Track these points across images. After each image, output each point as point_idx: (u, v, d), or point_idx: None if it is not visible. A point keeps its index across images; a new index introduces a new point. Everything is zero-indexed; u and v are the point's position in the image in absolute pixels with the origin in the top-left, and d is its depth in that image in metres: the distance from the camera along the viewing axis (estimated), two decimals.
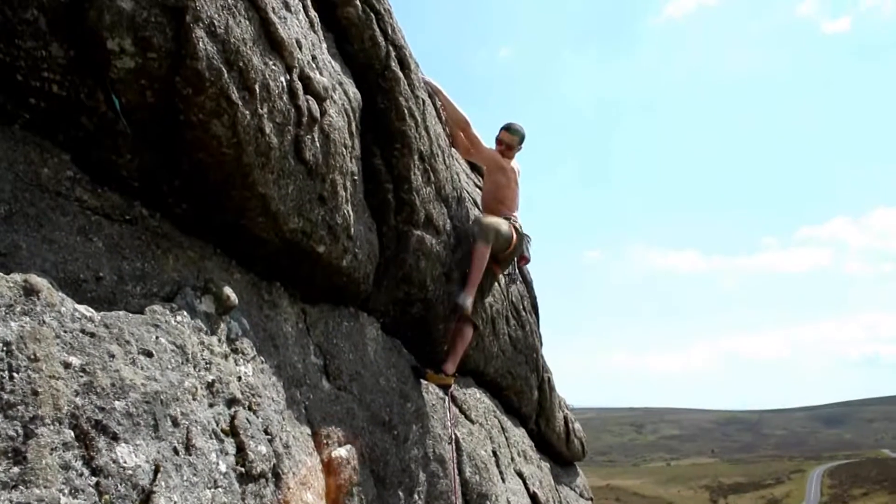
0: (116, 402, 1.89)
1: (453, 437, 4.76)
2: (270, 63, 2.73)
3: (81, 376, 1.83)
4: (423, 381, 4.90)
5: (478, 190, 7.40)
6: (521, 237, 5.62)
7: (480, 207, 6.21)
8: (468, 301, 5.20)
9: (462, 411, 5.37)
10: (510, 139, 5.69)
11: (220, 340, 2.61)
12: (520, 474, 6.44)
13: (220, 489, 2.24)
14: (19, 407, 1.63)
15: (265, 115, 2.70)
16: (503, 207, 5.63)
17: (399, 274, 4.50)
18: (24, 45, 2.03)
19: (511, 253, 5.59)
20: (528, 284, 8.93)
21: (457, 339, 5.32)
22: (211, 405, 2.38)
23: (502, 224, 5.42)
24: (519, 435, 7.35)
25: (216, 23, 2.38)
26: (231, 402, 2.51)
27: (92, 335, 1.94)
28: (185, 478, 2.07)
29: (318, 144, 3.19)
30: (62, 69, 2.13)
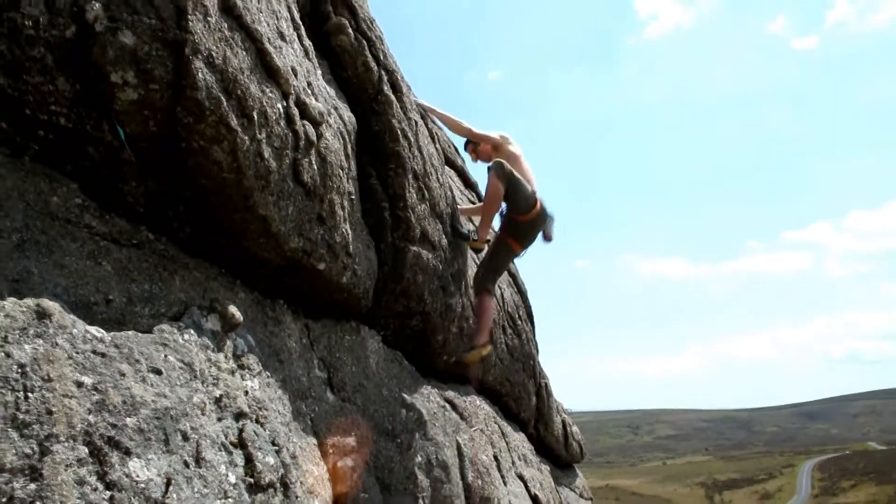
0: (128, 419, 1.91)
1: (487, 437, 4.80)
2: (267, 90, 2.79)
3: (94, 395, 1.85)
4: (425, 390, 4.96)
5: (472, 206, 7.48)
6: (545, 212, 5.50)
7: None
8: (480, 233, 5.44)
9: (463, 417, 5.42)
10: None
11: (226, 357, 2.64)
12: (521, 477, 6.46)
13: (230, 500, 2.26)
14: (34, 426, 1.65)
15: (264, 140, 2.75)
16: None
17: (397, 288, 4.56)
18: (31, 80, 2.08)
19: (532, 225, 5.47)
20: (522, 294, 8.99)
21: (481, 314, 5.47)
22: (219, 419, 2.40)
23: (523, 183, 5.30)
24: (519, 439, 7.37)
25: (214, 54, 2.44)
26: (239, 415, 2.53)
27: (103, 355, 1.96)
28: (196, 490, 2.09)
29: (315, 167, 3.24)
30: (68, 102, 2.18)
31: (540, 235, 5.61)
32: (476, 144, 5.90)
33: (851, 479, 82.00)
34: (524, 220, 5.39)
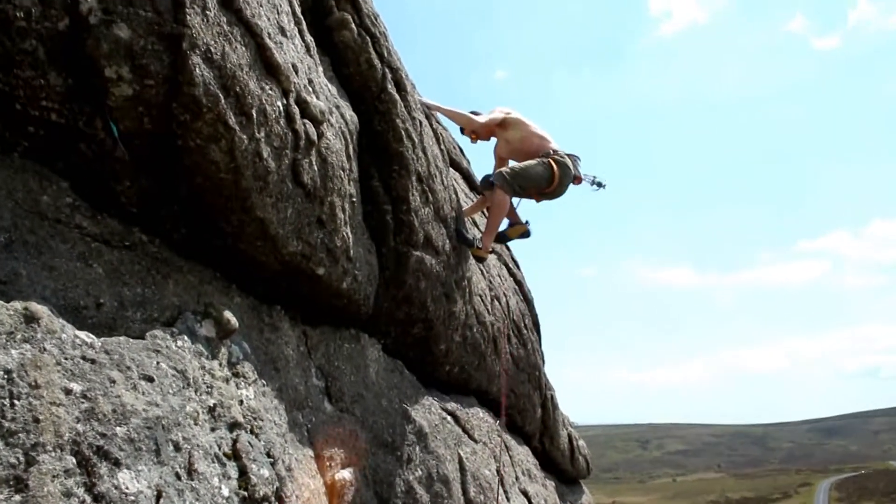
0: (118, 428, 1.89)
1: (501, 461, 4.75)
2: (267, 88, 2.76)
3: (83, 403, 1.82)
4: (426, 402, 4.90)
5: (474, 205, 7.44)
6: (564, 167, 5.57)
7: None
8: (484, 242, 5.45)
9: (465, 430, 5.36)
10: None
11: (221, 364, 2.61)
12: (525, 493, 6.40)
13: None
14: (20, 434, 1.62)
15: (262, 140, 2.72)
16: (534, 154, 5.62)
17: (399, 295, 4.51)
18: (22, 74, 2.06)
19: (560, 186, 5.60)
20: (528, 303, 8.94)
21: (492, 212, 5.47)
22: (213, 429, 2.38)
23: (532, 166, 5.44)
24: (523, 453, 7.32)
25: (212, 49, 2.41)
26: (233, 425, 2.50)
27: (93, 361, 1.94)
28: (187, 503, 2.06)
29: (315, 168, 3.21)
30: (61, 97, 2.15)
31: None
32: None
33: (871, 500, 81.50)
34: (552, 190, 5.58)
